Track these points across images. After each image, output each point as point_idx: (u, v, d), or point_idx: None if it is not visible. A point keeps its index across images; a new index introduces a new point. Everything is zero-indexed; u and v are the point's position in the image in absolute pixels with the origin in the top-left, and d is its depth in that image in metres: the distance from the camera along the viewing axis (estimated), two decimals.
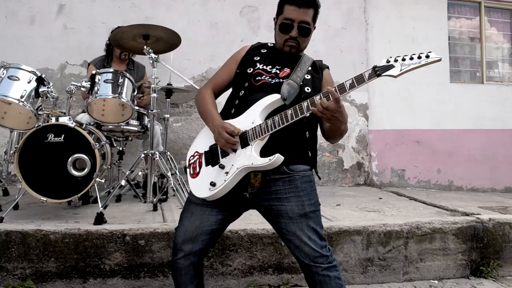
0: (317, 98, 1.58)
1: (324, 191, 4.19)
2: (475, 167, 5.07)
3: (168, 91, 3.35)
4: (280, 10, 1.78)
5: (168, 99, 3.44)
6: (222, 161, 1.70)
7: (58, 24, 4.06)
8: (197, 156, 1.81)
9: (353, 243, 2.77)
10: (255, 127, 1.65)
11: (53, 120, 2.70)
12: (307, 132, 1.75)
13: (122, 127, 3.11)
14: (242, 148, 1.67)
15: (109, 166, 3.24)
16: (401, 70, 1.54)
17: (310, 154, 1.78)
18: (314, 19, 1.78)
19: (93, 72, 2.85)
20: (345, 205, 3.58)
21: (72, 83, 2.79)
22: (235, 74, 1.85)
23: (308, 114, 1.62)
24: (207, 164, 1.75)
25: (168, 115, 3.41)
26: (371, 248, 2.80)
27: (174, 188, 2.68)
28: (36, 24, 4.03)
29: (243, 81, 1.79)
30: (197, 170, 1.77)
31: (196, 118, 4.29)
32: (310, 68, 1.82)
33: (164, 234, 2.53)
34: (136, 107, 3.20)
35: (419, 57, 1.55)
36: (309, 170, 1.77)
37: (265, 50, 1.87)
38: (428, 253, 2.91)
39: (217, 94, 1.90)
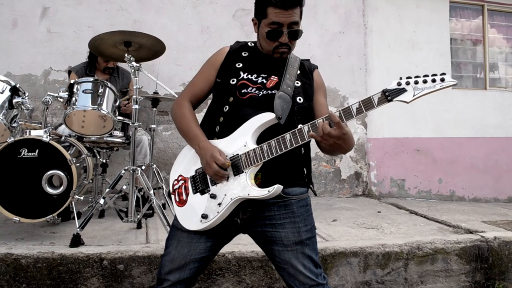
0: (318, 121, 1.43)
1: (320, 203, 4.01)
2: (477, 177, 4.89)
3: (154, 100, 3.16)
4: (262, 13, 1.59)
5: (154, 109, 3.25)
6: (213, 189, 1.54)
7: (42, 28, 3.87)
8: (182, 181, 1.62)
9: (349, 265, 2.60)
10: (248, 152, 1.49)
11: (27, 134, 2.53)
12: (302, 149, 1.60)
13: (105, 138, 2.93)
14: (234, 175, 1.50)
15: (91, 180, 3.05)
16: (414, 96, 1.41)
17: (305, 172, 1.63)
18: (301, 15, 1.60)
19: (71, 81, 2.66)
20: (341, 221, 3.40)
21: (49, 93, 2.61)
22: (215, 82, 1.66)
23: (309, 140, 1.46)
24: (194, 192, 1.58)
25: (155, 126, 3.23)
26: (369, 270, 2.63)
27: (156, 208, 2.49)
28: (18, 28, 3.84)
29: (227, 94, 1.60)
30: (184, 197, 1.60)
31: None
32: (298, 72, 1.66)
33: (145, 258, 2.35)
34: (120, 118, 3.02)
35: (434, 80, 1.41)
36: (305, 192, 1.63)
37: (247, 53, 1.69)
38: (430, 275, 2.74)
39: (195, 105, 1.71)
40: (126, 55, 2.53)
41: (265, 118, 1.50)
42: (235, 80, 1.61)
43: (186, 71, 4.12)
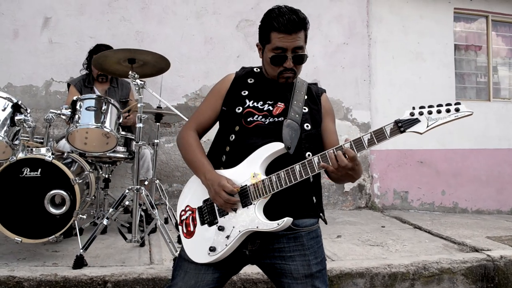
0: (329, 152, 1.39)
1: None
2: (480, 188, 4.87)
3: (158, 115, 3.12)
4: (266, 38, 1.55)
5: (157, 123, 3.21)
6: (221, 221, 1.50)
7: (44, 38, 3.83)
8: (190, 212, 1.59)
9: (355, 286, 2.57)
10: (257, 183, 1.45)
11: (30, 152, 2.48)
12: (311, 177, 1.54)
13: (108, 154, 2.89)
14: (243, 207, 1.47)
15: (93, 197, 3.02)
16: (428, 126, 1.36)
17: (315, 201, 1.59)
18: (306, 38, 1.56)
19: (74, 98, 2.62)
20: (346, 237, 3.37)
21: (51, 110, 2.57)
22: (221, 111, 1.63)
23: (319, 171, 1.43)
24: (202, 223, 1.54)
25: (158, 140, 3.19)
26: None
27: (160, 228, 2.46)
28: (20, 38, 3.79)
29: (233, 123, 1.57)
30: (191, 229, 1.56)
31: None
32: (306, 97, 1.62)
33: (149, 281, 2.31)
34: (123, 133, 2.98)
35: (448, 110, 1.35)
36: (315, 223, 1.59)
37: (252, 80, 1.65)
38: None
39: (201, 134, 1.68)
40: (130, 72, 2.49)
41: (274, 148, 1.47)
42: (241, 108, 1.58)
43: (189, 82, 4.09)
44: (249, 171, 1.48)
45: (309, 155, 1.52)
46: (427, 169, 4.71)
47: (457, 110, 1.36)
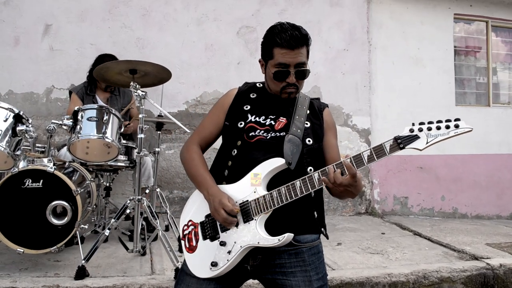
0: (329, 168, 1.41)
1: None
2: (480, 194, 4.89)
3: (159, 124, 3.13)
4: (268, 54, 1.56)
5: (159, 132, 3.22)
6: (222, 236, 1.51)
7: (44, 45, 3.83)
8: (192, 226, 1.60)
9: None
10: (258, 198, 1.46)
11: (31, 163, 2.50)
12: (312, 191, 1.55)
13: (109, 163, 2.90)
14: (244, 222, 1.48)
15: (94, 206, 3.03)
16: (427, 143, 1.37)
17: (316, 216, 1.60)
18: (308, 54, 1.58)
19: (75, 108, 2.63)
20: (346, 244, 3.38)
21: (53, 121, 2.58)
22: (223, 125, 1.65)
23: (320, 187, 1.44)
24: (204, 238, 1.55)
25: (159, 149, 3.20)
26: None
27: (162, 239, 2.47)
28: (21, 46, 3.80)
29: (235, 138, 1.58)
30: (194, 243, 1.57)
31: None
32: (308, 112, 1.63)
33: None
34: (124, 141, 3.00)
35: (447, 127, 1.35)
36: (316, 239, 1.60)
37: (255, 95, 1.66)
38: None
39: (204, 149, 1.69)
40: (131, 83, 2.49)
41: (274, 164, 1.48)
42: (243, 123, 1.59)
43: (189, 89, 4.09)
44: (250, 186, 1.49)
45: (310, 170, 1.54)
46: (427, 175, 4.72)
47: (456, 126, 1.36)
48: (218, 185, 1.54)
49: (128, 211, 2.68)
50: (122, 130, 2.76)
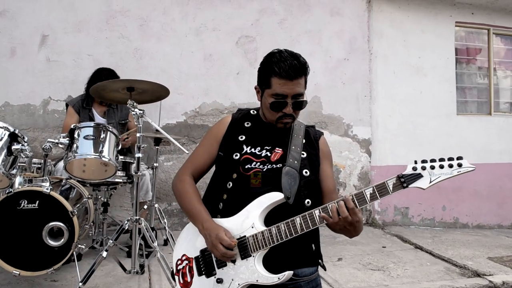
0: (330, 205, 1.38)
1: (324, 235, 3.89)
2: (481, 203, 4.85)
3: (157, 139, 3.08)
4: (265, 82, 1.51)
5: (157, 147, 3.18)
6: (219, 272, 1.47)
7: (41, 56, 3.78)
8: (186, 261, 1.56)
9: None
10: (256, 234, 1.42)
11: (27, 184, 2.45)
12: None
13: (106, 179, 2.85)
14: (242, 258, 1.44)
15: (92, 223, 2.98)
16: (430, 182, 1.35)
17: (314, 248, 1.57)
18: (306, 84, 1.54)
19: (72, 126, 2.58)
20: (347, 259, 3.34)
21: (49, 140, 2.53)
22: (217, 155, 1.61)
23: (321, 225, 1.41)
24: (199, 274, 1.51)
25: (157, 164, 3.16)
26: None
27: (161, 260, 2.43)
28: (17, 57, 3.74)
29: (230, 170, 1.54)
30: (188, 279, 1.53)
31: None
32: (304, 141, 1.60)
33: None
34: (121, 157, 2.95)
35: (450, 166, 1.34)
36: (315, 271, 1.57)
37: (249, 124, 1.62)
38: None
39: (197, 179, 1.65)
40: (129, 101, 2.45)
41: (273, 199, 1.45)
42: (238, 154, 1.55)
43: (188, 100, 4.05)
44: (248, 221, 1.45)
45: (308, 202, 1.51)
46: None
47: (459, 165, 1.36)
48: (214, 219, 1.50)
49: (126, 226, 2.64)
50: (119, 147, 2.71)
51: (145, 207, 3.18)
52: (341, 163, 4.37)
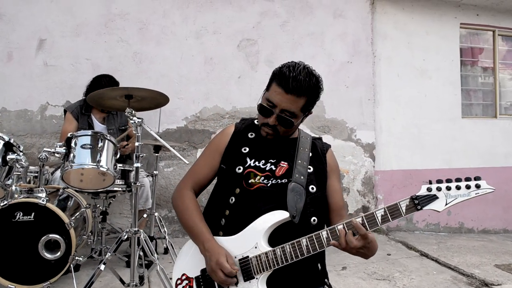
0: (339, 227, 1.31)
1: None
2: (486, 208, 4.77)
3: (156, 147, 3.01)
4: (268, 85, 1.46)
5: (156, 154, 3.10)
6: None
7: (38, 61, 3.70)
8: (186, 281, 1.49)
9: None
10: (260, 255, 1.36)
11: (22, 195, 2.38)
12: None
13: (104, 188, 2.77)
14: (244, 280, 1.37)
15: (90, 233, 2.91)
16: (446, 204, 1.30)
17: (320, 268, 1.51)
18: (305, 108, 1.44)
19: (69, 135, 2.51)
20: (351, 268, 3.26)
21: (45, 149, 2.45)
22: (219, 168, 1.54)
23: (328, 247, 1.34)
24: None
25: (157, 172, 3.08)
26: None
27: (161, 273, 2.35)
28: (14, 61, 3.67)
29: (233, 184, 1.47)
30: None
31: (190, 162, 3.95)
32: (310, 154, 1.53)
33: None
34: (120, 165, 2.87)
35: (468, 187, 1.28)
36: None
37: (253, 135, 1.56)
38: None
39: (198, 193, 1.59)
40: (127, 109, 2.37)
41: (277, 218, 1.38)
42: (242, 168, 1.48)
43: (189, 104, 3.97)
44: (251, 241, 1.38)
45: (314, 220, 1.45)
46: None
47: (477, 186, 1.30)
48: (215, 237, 1.43)
49: (125, 236, 2.56)
50: (117, 156, 2.63)
51: (145, 215, 3.11)
52: (345, 168, 4.29)
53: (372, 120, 4.40)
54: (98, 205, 3.06)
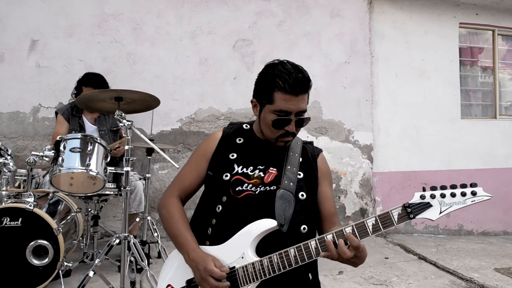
0: (328, 237, 1.26)
1: None
2: (486, 209, 4.70)
3: (149, 149, 2.96)
4: (267, 97, 1.39)
5: (149, 157, 3.05)
6: None
7: (31, 62, 3.65)
8: None
9: None
10: (246, 266, 1.31)
11: (9, 200, 2.33)
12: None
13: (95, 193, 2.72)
14: None
15: (80, 238, 2.86)
16: (441, 213, 1.23)
17: (311, 278, 1.45)
18: (308, 99, 1.44)
19: (58, 138, 2.45)
20: (348, 273, 3.20)
21: (33, 153, 2.39)
22: (206, 175, 1.49)
23: (317, 258, 1.29)
24: None
25: (149, 175, 3.03)
26: None
27: (151, 280, 2.30)
28: (5, 63, 3.62)
29: (220, 192, 1.42)
30: None
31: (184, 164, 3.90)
32: (301, 160, 1.47)
33: None
34: (111, 169, 2.82)
35: (463, 194, 1.24)
36: None
37: (241, 140, 1.50)
38: None
39: (184, 201, 1.54)
40: (116, 111, 2.31)
41: (265, 227, 1.33)
42: (229, 175, 1.43)
43: (183, 106, 3.92)
44: (238, 250, 1.33)
45: (304, 228, 1.40)
46: None
47: (473, 193, 1.25)
48: (202, 246, 1.38)
49: (115, 242, 2.51)
50: (108, 159, 2.57)
51: (138, 219, 3.06)
52: (342, 170, 4.23)
53: (370, 121, 4.34)
54: (90, 209, 3.01)
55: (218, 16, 4.00)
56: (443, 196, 1.22)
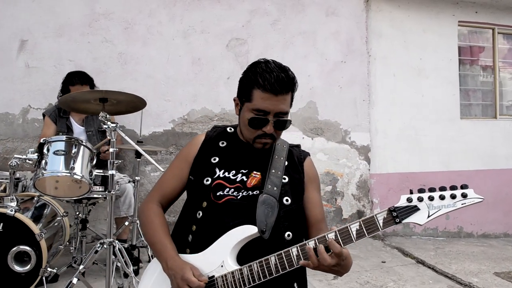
0: (310, 244, 1.19)
1: None
2: (486, 211, 4.61)
3: (138, 152, 2.88)
4: (246, 95, 1.33)
5: (138, 159, 2.98)
6: None
7: (20, 62, 3.58)
8: None
9: None
10: (226, 275, 1.25)
11: None
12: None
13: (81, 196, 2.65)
14: None
15: (68, 243, 2.79)
16: (429, 216, 1.16)
17: (296, 287, 1.37)
18: (292, 102, 1.37)
19: (41, 140, 2.38)
20: (343, 277, 3.09)
21: (16, 156, 2.35)
22: (188, 180, 1.43)
23: (299, 265, 1.22)
24: None
25: (139, 178, 2.96)
26: None
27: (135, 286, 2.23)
28: None
29: (200, 198, 1.36)
30: None
31: None
32: (286, 163, 1.41)
33: None
34: (98, 171, 2.74)
35: (453, 196, 1.16)
36: None
37: (224, 143, 1.45)
38: None
39: (166, 207, 1.48)
40: (101, 113, 2.24)
41: (245, 233, 1.27)
42: (210, 179, 1.37)
43: (176, 107, 3.84)
44: (217, 258, 1.27)
45: (288, 235, 1.33)
46: None
47: (464, 196, 1.17)
48: (181, 255, 1.31)
49: (100, 249, 2.43)
50: (94, 162, 2.50)
51: (127, 223, 2.98)
52: (339, 171, 4.15)
53: (367, 122, 4.26)
54: (78, 213, 2.94)
55: (211, 14, 3.92)
56: (431, 199, 1.15)
